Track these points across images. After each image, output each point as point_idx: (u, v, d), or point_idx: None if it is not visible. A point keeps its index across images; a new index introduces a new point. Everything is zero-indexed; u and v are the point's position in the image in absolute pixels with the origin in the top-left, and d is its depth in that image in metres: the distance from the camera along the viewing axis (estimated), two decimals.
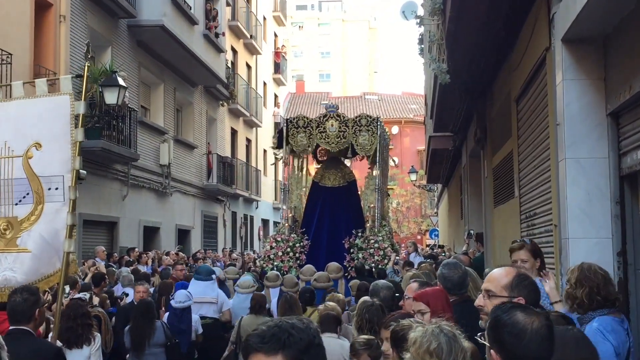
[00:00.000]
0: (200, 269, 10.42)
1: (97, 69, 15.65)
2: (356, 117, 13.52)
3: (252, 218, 32.60)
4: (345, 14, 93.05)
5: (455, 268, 5.35)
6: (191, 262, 16.97)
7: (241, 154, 30.68)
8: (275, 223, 38.60)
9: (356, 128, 13.28)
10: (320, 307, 6.93)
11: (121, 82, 14.49)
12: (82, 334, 6.63)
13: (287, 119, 13.86)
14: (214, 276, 9.97)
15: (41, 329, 6.24)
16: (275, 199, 38.37)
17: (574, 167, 5.64)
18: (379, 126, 13.37)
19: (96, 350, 6.76)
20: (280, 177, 39.59)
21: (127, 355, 8.21)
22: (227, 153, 27.99)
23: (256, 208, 33.32)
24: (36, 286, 5.45)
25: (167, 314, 9.19)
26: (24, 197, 5.88)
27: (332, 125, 13.25)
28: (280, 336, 1.99)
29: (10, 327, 4.72)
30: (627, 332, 3.99)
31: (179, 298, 8.88)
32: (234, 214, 29.09)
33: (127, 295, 10.25)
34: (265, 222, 35.95)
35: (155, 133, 20.01)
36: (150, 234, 19.82)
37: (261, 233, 34.45)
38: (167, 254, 16.95)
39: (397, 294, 6.34)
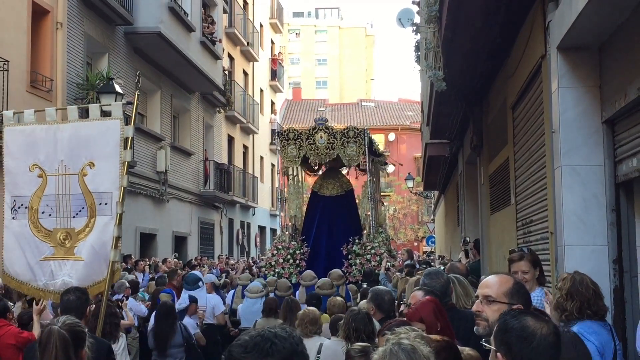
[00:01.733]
0: (187, 278, 10.67)
1: (94, 75, 15.67)
2: (344, 130, 13.95)
3: (249, 225, 32.58)
4: (341, 21, 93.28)
5: (437, 277, 5.36)
6: (186, 269, 16.92)
7: (238, 161, 30.69)
8: (273, 230, 38.57)
9: (344, 140, 13.69)
10: (299, 313, 7.01)
11: (118, 89, 14.50)
12: (110, 332, 7.02)
13: (278, 132, 14.42)
14: (200, 284, 10.27)
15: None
16: (272, 206, 38.35)
17: (569, 175, 5.65)
18: (365, 137, 13.76)
19: (122, 349, 7.21)
20: (276, 184, 39.61)
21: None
22: (224, 160, 27.99)
23: (253, 215, 33.29)
24: (95, 292, 6.31)
25: None
26: (80, 210, 6.56)
27: (321, 137, 13.67)
28: (263, 345, 2.01)
29: None
30: (613, 335, 4.01)
31: (182, 301, 9.45)
32: (230, 221, 29.06)
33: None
34: (262, 229, 35.92)
35: (152, 140, 20.01)
36: (146, 240, 19.80)
37: (258, 240, 34.43)
38: (164, 261, 16.92)
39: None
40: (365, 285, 10.78)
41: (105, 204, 6.50)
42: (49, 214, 6.66)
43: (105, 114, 7.34)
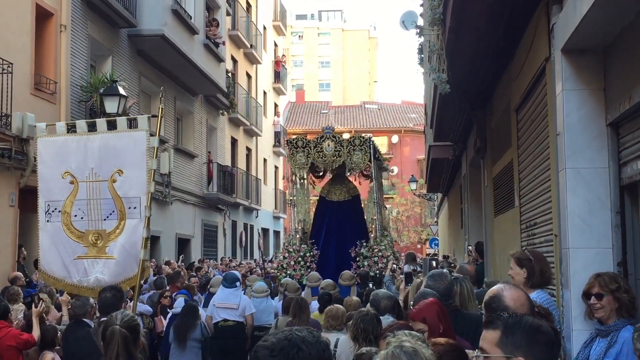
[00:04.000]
0: (226, 276, 11.27)
1: (98, 78, 15.69)
2: (350, 138, 14.68)
3: (252, 227, 32.58)
4: (345, 24, 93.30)
5: (441, 279, 5.37)
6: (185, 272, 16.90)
7: (241, 163, 30.70)
8: (276, 232, 38.56)
9: (350, 148, 14.33)
10: (327, 308, 7.63)
11: (121, 91, 14.52)
12: None
13: (287, 140, 15.10)
14: (237, 283, 10.84)
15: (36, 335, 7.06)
16: (276, 208, 38.35)
17: (574, 177, 5.64)
18: (371, 145, 14.41)
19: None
20: (280, 187, 39.61)
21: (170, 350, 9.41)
22: (227, 162, 28.01)
23: (256, 217, 33.30)
24: (120, 285, 6.84)
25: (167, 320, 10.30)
26: (110, 214, 7.21)
27: (328, 145, 14.33)
28: (289, 351, 1.99)
29: (102, 319, 5.65)
30: None
31: (177, 305, 10.11)
32: (234, 223, 29.07)
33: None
34: (265, 231, 35.91)
35: None
36: (150, 242, 19.75)
37: (261, 242, 34.43)
38: (168, 263, 16.93)
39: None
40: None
41: (135, 207, 7.16)
42: (80, 217, 7.29)
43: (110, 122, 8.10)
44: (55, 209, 7.37)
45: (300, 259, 14.00)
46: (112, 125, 8.06)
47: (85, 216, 7.29)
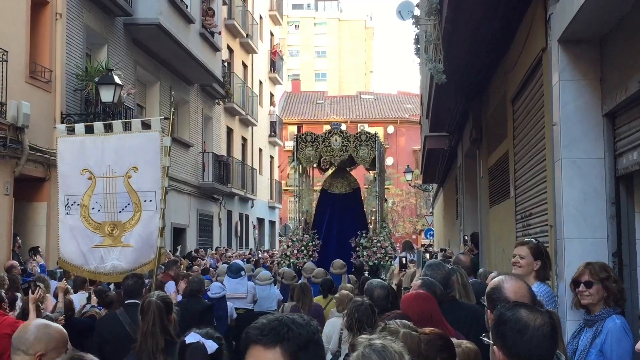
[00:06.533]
0: (231, 266, 11.44)
1: (93, 66, 15.63)
2: (357, 134, 15.18)
3: (247, 217, 32.57)
4: (341, 14, 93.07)
5: (439, 269, 5.38)
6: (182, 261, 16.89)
7: (237, 153, 30.65)
8: (271, 222, 38.55)
9: (357, 143, 14.81)
10: (337, 295, 8.06)
11: (117, 80, 14.47)
12: None
13: (297, 135, 15.54)
14: (242, 272, 11.06)
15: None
16: (271, 198, 38.34)
17: (569, 168, 5.65)
18: (377, 141, 14.92)
19: None
20: (275, 177, 39.59)
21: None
22: (223, 152, 27.96)
23: (251, 207, 33.29)
24: (141, 272, 7.47)
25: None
26: (126, 206, 7.88)
27: (336, 140, 14.82)
28: (279, 330, 2.04)
29: (126, 302, 6.24)
30: None
31: (214, 290, 10.31)
32: (229, 213, 29.05)
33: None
34: (260, 221, 35.91)
35: None
36: None
37: (256, 232, 34.43)
38: None
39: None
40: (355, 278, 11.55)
41: (150, 200, 7.86)
42: (97, 209, 7.95)
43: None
44: (75, 202, 7.99)
45: (303, 248, 14.47)
46: (127, 127, 8.73)
47: (102, 209, 7.93)
